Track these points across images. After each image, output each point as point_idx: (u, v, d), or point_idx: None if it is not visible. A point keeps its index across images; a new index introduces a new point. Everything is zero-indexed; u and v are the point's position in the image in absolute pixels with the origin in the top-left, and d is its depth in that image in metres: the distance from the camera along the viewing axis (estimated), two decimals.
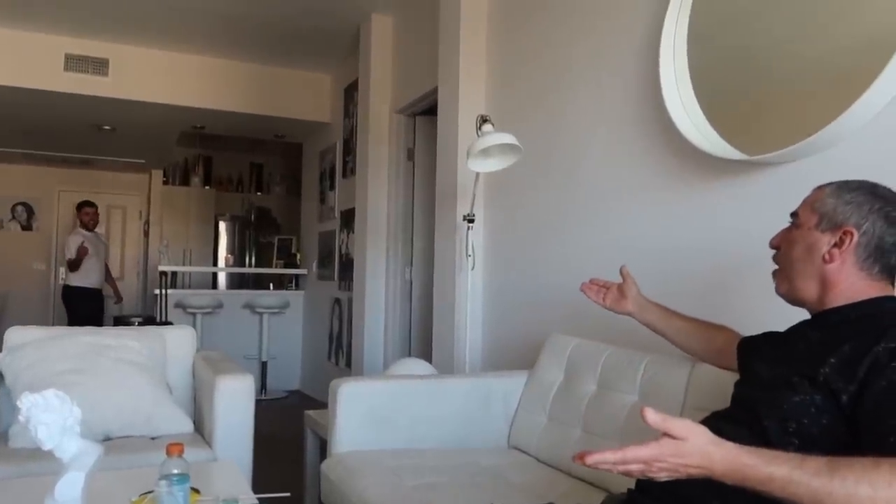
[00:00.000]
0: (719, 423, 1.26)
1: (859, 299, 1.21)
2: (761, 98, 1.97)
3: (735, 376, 1.45)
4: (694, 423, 0.94)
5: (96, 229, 6.71)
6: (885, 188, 1.24)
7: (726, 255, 2.03)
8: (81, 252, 6.26)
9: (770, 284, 1.36)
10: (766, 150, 1.81)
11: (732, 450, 0.94)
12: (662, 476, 0.96)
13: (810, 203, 1.28)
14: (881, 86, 1.55)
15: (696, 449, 0.93)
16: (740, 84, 2.03)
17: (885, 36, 1.58)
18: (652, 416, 0.92)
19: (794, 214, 1.32)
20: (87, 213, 6.54)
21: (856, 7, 1.74)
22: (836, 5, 1.77)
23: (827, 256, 1.22)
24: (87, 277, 6.41)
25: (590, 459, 0.95)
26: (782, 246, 1.33)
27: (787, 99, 1.89)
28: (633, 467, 0.95)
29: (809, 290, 1.26)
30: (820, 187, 1.30)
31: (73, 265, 6.30)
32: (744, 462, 0.93)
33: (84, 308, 6.30)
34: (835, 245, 1.22)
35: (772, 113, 1.94)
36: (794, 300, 1.31)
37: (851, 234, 1.20)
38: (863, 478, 0.88)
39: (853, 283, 1.21)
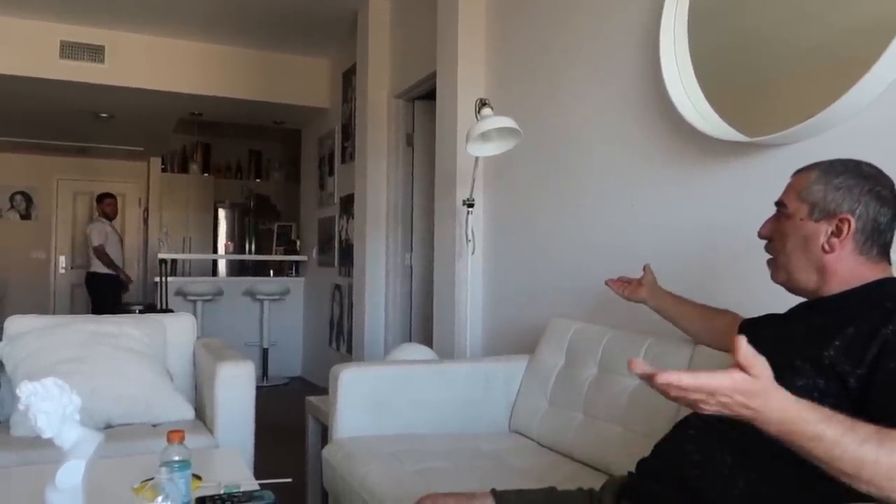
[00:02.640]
0: None
1: (860, 283, 1.20)
2: (762, 80, 1.96)
3: None
4: (767, 363, 0.90)
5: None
6: (868, 165, 1.22)
7: (727, 235, 2.02)
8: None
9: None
10: (766, 132, 1.80)
11: (790, 398, 0.90)
12: (710, 411, 0.91)
13: (796, 191, 1.25)
14: (882, 68, 1.53)
15: (763, 389, 0.89)
16: (741, 66, 2.01)
17: (887, 18, 1.56)
18: (744, 349, 0.87)
19: (780, 203, 1.29)
20: (109, 204, 6.85)
21: None
22: None
23: (826, 247, 1.20)
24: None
25: (663, 378, 0.88)
26: (775, 237, 1.31)
27: (788, 81, 1.88)
28: (694, 396, 0.89)
29: (809, 279, 1.25)
30: (802, 172, 1.27)
31: (101, 252, 6.47)
32: (799, 415, 0.89)
33: (112, 293, 6.49)
34: (832, 234, 1.20)
35: (773, 95, 1.93)
36: (793, 289, 1.30)
37: (848, 222, 1.18)
38: None
39: (853, 269, 1.20)
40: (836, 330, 1.11)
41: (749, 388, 0.89)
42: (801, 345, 1.16)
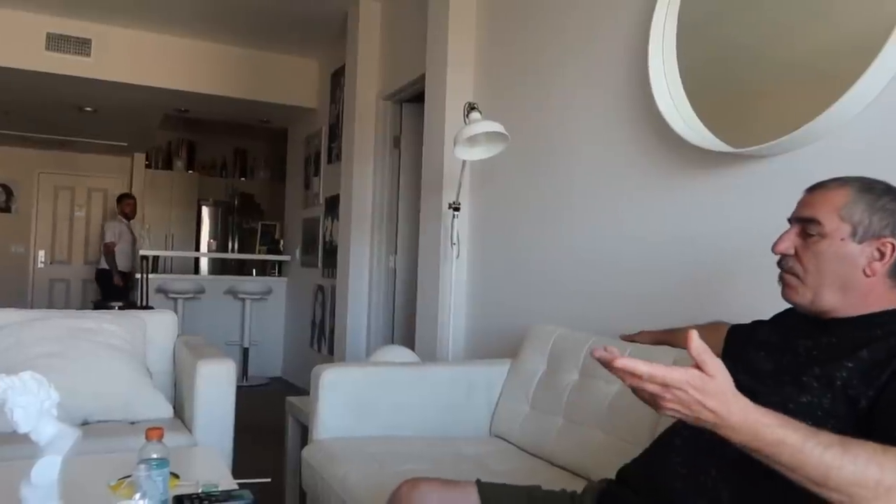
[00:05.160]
0: None
1: (883, 308, 1.16)
2: (748, 91, 1.97)
3: None
4: (725, 368, 0.92)
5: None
6: None
7: (712, 246, 2.04)
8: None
9: (756, 275, 1.34)
10: (753, 143, 1.82)
11: (750, 405, 0.92)
12: (669, 408, 0.92)
13: (834, 209, 1.18)
14: (867, 81, 1.56)
15: (720, 391, 0.91)
16: (729, 77, 2.03)
17: (873, 32, 1.58)
18: (696, 342, 0.90)
19: (811, 220, 1.20)
20: (128, 205, 7.08)
21: (843, 4, 1.75)
22: (824, 1, 1.78)
23: (868, 270, 1.15)
24: (119, 261, 6.82)
25: (619, 363, 0.91)
26: (803, 256, 1.21)
27: (775, 92, 1.90)
28: (650, 387, 0.91)
29: (835, 300, 1.19)
30: (831, 189, 1.21)
31: (108, 249, 6.71)
32: (759, 419, 0.91)
33: (117, 289, 6.70)
34: (875, 258, 1.15)
35: (759, 106, 1.95)
36: (816, 311, 1.21)
37: (892, 245, 1.14)
38: (872, 459, 0.88)
39: (881, 293, 1.17)
40: (850, 351, 1.09)
41: (703, 384, 0.90)
42: (809, 362, 1.14)
